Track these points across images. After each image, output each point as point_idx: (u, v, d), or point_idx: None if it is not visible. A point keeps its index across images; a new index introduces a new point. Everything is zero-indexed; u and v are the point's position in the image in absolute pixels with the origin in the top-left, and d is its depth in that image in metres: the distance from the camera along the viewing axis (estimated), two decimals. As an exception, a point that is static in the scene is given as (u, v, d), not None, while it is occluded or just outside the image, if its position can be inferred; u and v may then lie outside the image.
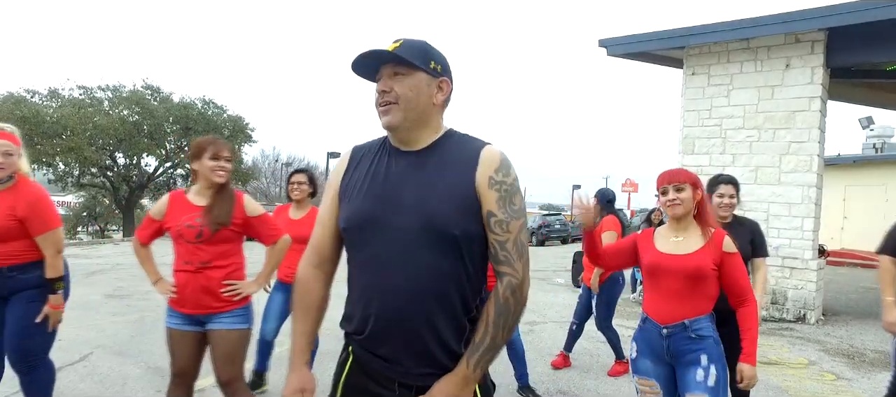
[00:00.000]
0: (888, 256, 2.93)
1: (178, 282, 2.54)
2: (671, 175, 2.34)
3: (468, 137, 1.46)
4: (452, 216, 1.33)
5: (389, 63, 1.39)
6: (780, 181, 7.24)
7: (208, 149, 2.55)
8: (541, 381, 4.28)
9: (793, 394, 4.20)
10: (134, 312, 6.47)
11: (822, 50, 6.94)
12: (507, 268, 1.36)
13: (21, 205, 2.61)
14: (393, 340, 1.37)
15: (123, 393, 3.78)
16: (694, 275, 2.21)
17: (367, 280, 1.40)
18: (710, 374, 2.18)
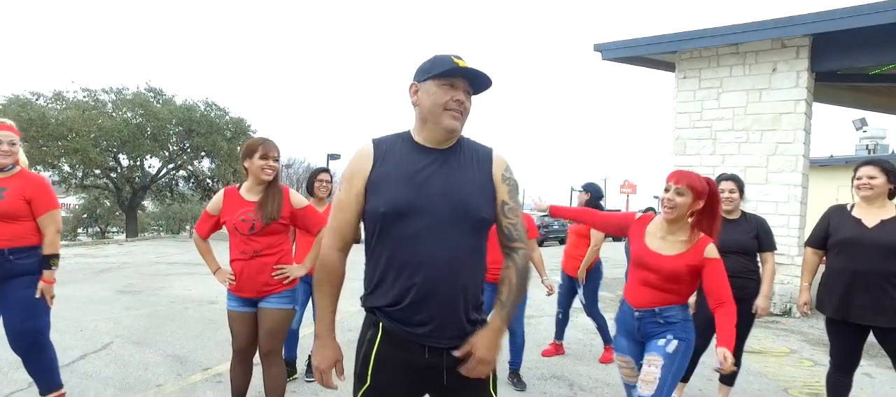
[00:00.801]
0: (810, 248, 3.25)
1: (235, 270, 2.83)
2: (679, 175, 2.40)
3: (475, 141, 1.76)
4: (480, 203, 1.63)
5: (468, 80, 1.64)
6: (767, 180, 7.53)
7: (259, 150, 2.85)
8: (536, 367, 4.56)
9: (771, 378, 4.48)
10: (146, 306, 6.73)
11: (806, 55, 7.24)
12: (519, 244, 1.68)
13: (29, 188, 2.93)
14: (430, 308, 1.58)
15: (146, 377, 4.04)
16: (669, 276, 2.38)
17: (407, 257, 1.58)
18: (670, 344, 2.38)
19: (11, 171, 2.95)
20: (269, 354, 2.90)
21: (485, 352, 1.58)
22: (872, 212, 3.04)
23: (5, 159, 2.90)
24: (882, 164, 3.10)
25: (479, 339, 1.59)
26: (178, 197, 27.01)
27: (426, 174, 1.63)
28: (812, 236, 3.28)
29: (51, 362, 3.09)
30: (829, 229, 3.16)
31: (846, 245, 3.05)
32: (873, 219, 3.02)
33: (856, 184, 3.11)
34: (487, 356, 1.59)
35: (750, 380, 4.41)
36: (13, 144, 2.93)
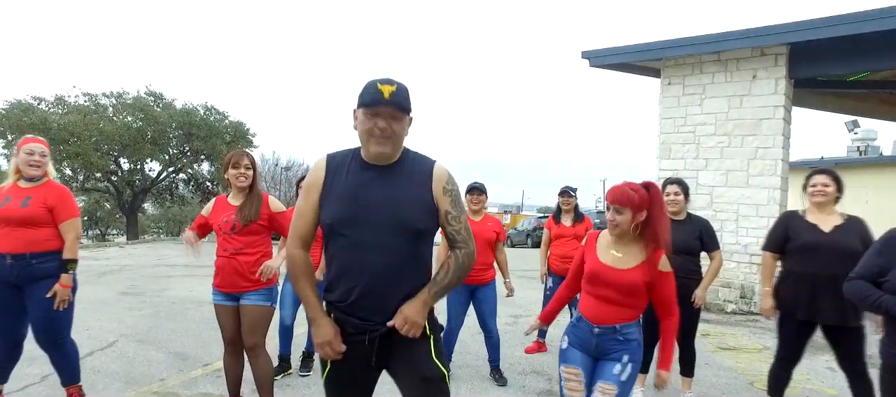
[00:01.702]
0: (769, 252, 3.44)
1: (218, 265, 3.16)
2: (614, 196, 2.40)
3: (420, 155, 1.96)
4: (417, 215, 1.85)
5: (390, 106, 1.80)
6: (748, 184, 7.79)
7: (231, 161, 3.17)
8: (518, 364, 4.81)
9: (740, 373, 4.74)
10: (148, 307, 6.99)
11: (784, 63, 7.50)
12: (462, 244, 1.93)
13: (51, 197, 3.20)
14: (368, 305, 1.85)
15: (149, 373, 4.30)
16: (628, 290, 2.39)
17: (349, 262, 1.84)
18: (625, 370, 2.39)
19: (39, 182, 3.22)
20: (253, 348, 3.20)
21: (409, 312, 1.83)
22: (823, 218, 3.28)
23: (36, 170, 3.19)
24: (833, 173, 3.35)
25: (406, 305, 1.84)
26: (178, 199, 27.27)
27: (368, 189, 1.85)
28: (771, 241, 3.44)
29: (72, 358, 3.36)
30: (788, 234, 3.36)
31: (807, 250, 3.24)
32: (827, 224, 3.25)
33: (810, 190, 3.34)
34: (412, 315, 1.83)
35: (719, 374, 4.67)
36: (44, 156, 3.23)
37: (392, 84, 1.82)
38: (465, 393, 4.01)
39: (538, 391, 4.14)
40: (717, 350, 5.53)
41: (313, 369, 4.36)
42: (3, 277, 3.14)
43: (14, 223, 3.10)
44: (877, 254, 2.19)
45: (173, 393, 3.85)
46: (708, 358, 5.21)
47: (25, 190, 3.18)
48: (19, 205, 3.12)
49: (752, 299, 7.64)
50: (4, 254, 3.10)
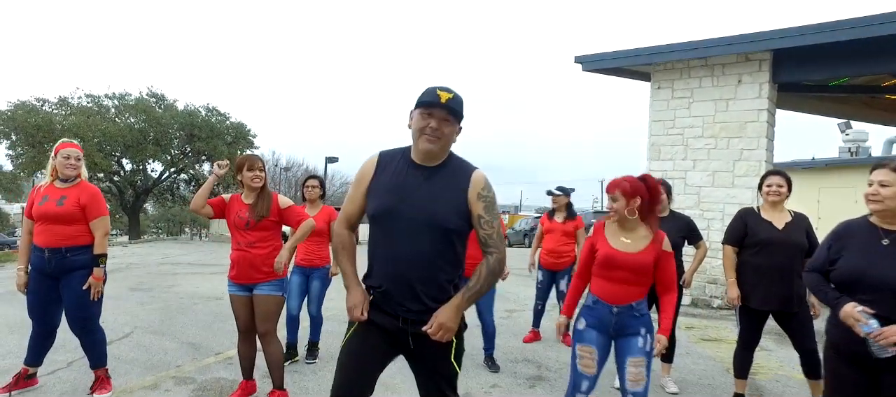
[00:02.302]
0: (730, 246, 3.75)
1: (233, 259, 3.47)
2: (611, 185, 2.74)
3: (463, 161, 2.13)
4: (450, 216, 2.02)
5: (444, 110, 1.98)
6: (733, 184, 8.11)
7: (246, 164, 3.50)
8: (512, 352, 5.13)
9: (718, 361, 5.06)
10: (159, 302, 7.30)
11: (768, 68, 7.83)
12: (493, 249, 2.07)
13: (84, 196, 3.51)
14: (401, 292, 2.02)
15: (166, 360, 4.61)
16: (640, 269, 2.67)
17: (387, 251, 2.04)
18: (647, 342, 2.67)
19: (73, 182, 3.54)
20: (265, 335, 3.52)
21: (444, 319, 1.98)
22: (776, 215, 3.63)
23: (72, 171, 3.51)
24: (785, 175, 3.69)
25: (441, 310, 2.00)
26: (180, 200, 27.57)
27: (411, 187, 2.03)
28: (732, 236, 3.75)
29: (100, 343, 3.68)
30: (747, 229, 3.68)
31: (764, 245, 3.57)
32: (780, 221, 3.60)
33: (765, 190, 3.67)
34: (446, 322, 1.98)
35: (698, 363, 4.99)
36: (79, 159, 3.54)
37: (450, 92, 2.01)
38: (459, 379, 4.30)
39: (528, 376, 4.45)
40: (700, 341, 5.86)
41: (318, 357, 4.66)
42: (41, 269, 3.46)
43: (51, 220, 3.42)
44: (826, 248, 2.44)
45: (190, 377, 4.16)
46: (690, 348, 5.53)
47: (61, 190, 3.50)
48: (55, 203, 3.44)
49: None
50: (43, 248, 3.42)
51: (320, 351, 4.74)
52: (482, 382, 4.25)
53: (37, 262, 3.48)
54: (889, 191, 2.21)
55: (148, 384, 3.99)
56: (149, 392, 3.83)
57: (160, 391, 3.86)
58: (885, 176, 2.24)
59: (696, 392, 4.20)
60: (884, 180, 2.23)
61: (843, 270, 2.29)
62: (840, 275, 2.31)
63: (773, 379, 4.52)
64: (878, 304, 2.15)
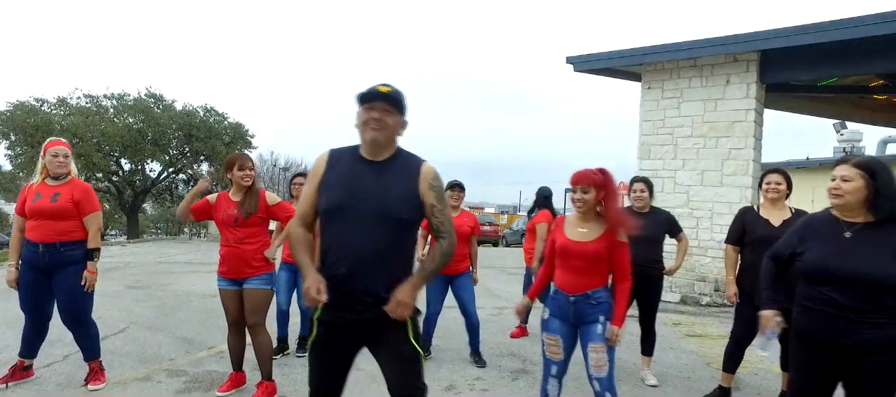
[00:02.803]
0: (731, 245, 3.84)
1: (222, 254, 3.58)
2: (579, 177, 2.80)
3: (412, 154, 2.22)
4: (402, 206, 2.11)
5: (384, 101, 2.09)
6: (722, 183, 8.22)
7: (237, 163, 3.61)
8: (498, 347, 5.24)
9: (700, 355, 5.17)
10: (154, 299, 7.40)
11: (755, 69, 7.94)
12: (445, 234, 2.18)
13: (77, 192, 3.64)
14: (355, 282, 2.07)
15: (160, 354, 4.71)
16: (593, 258, 2.77)
17: (340, 243, 2.09)
18: (606, 329, 2.78)
19: (65, 179, 3.65)
20: (254, 327, 3.63)
21: (401, 296, 2.05)
22: (775, 213, 3.71)
23: (61, 169, 3.62)
24: (784, 173, 3.78)
25: (399, 289, 2.07)
26: (178, 199, 27.66)
27: (362, 181, 2.11)
28: (731, 235, 3.85)
29: (93, 336, 3.79)
30: (745, 228, 3.77)
31: (760, 243, 3.58)
32: (777, 219, 3.67)
33: (765, 188, 3.76)
34: (403, 298, 2.05)
35: (680, 357, 5.10)
36: (66, 157, 3.66)
37: (389, 86, 2.11)
38: (445, 372, 4.43)
39: (512, 370, 4.56)
40: (685, 337, 5.97)
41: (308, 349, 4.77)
42: (35, 264, 3.57)
43: (45, 216, 3.53)
44: (795, 234, 2.53)
45: (182, 370, 4.27)
46: (675, 343, 5.64)
47: (53, 187, 3.61)
48: (49, 200, 3.55)
49: (725, 292, 8.07)
50: (37, 243, 3.53)
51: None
52: (466, 376, 4.35)
53: (30, 257, 3.59)
54: (849, 186, 2.30)
55: (141, 376, 4.10)
56: (142, 384, 3.94)
57: (152, 382, 3.97)
58: (847, 171, 2.33)
59: (675, 384, 4.31)
60: (845, 175, 2.33)
61: (809, 263, 2.39)
62: (807, 268, 2.41)
63: (751, 373, 4.63)
64: (843, 294, 2.25)
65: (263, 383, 3.67)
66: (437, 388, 4.04)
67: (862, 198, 2.29)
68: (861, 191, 2.28)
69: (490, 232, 23.87)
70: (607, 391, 2.77)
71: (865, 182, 2.29)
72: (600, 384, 2.77)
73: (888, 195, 2.26)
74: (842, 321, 2.26)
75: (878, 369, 2.23)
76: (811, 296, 2.37)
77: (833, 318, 2.28)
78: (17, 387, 3.74)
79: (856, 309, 2.22)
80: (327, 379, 2.25)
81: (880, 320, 2.20)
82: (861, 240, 2.29)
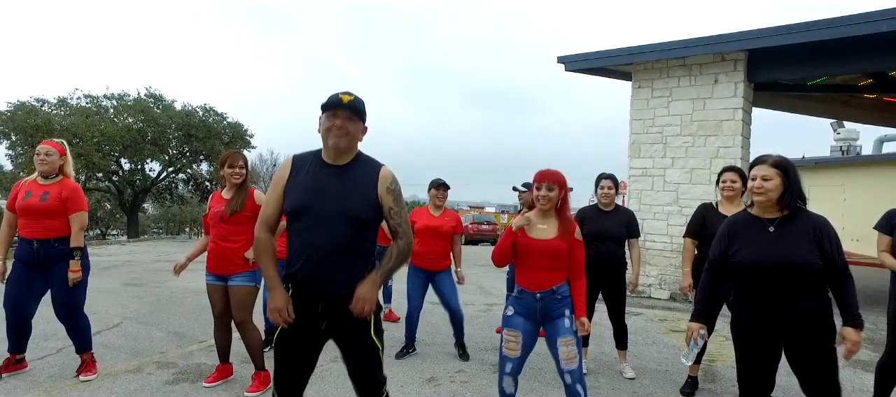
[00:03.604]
0: (689, 238, 3.96)
1: (209, 250, 3.71)
2: (545, 175, 2.89)
3: (370, 158, 2.33)
4: (361, 207, 2.21)
5: (347, 109, 2.20)
6: (710, 181, 8.29)
7: (227, 161, 3.71)
8: (484, 341, 5.34)
9: (681, 349, 5.27)
10: (150, 296, 7.52)
11: (743, 68, 8.03)
12: (402, 235, 2.29)
13: (65, 191, 3.76)
14: (319, 278, 2.18)
15: (152, 348, 4.83)
16: (553, 254, 2.86)
17: (305, 242, 2.20)
18: (572, 322, 2.87)
19: (55, 179, 3.77)
20: (241, 323, 3.72)
21: (362, 293, 2.16)
22: (732, 209, 3.81)
23: (43, 167, 3.75)
24: (739, 170, 3.89)
25: (360, 286, 2.18)
26: (178, 199, 27.82)
27: (325, 184, 2.22)
28: (690, 229, 3.97)
29: (85, 330, 3.91)
30: (705, 223, 3.88)
31: None
32: None
33: (721, 185, 3.88)
34: (365, 295, 2.16)
35: (661, 351, 5.20)
36: (49, 155, 3.77)
37: (350, 95, 2.22)
38: (428, 365, 4.53)
39: (492, 363, 4.66)
40: (668, 332, 6.07)
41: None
42: (29, 259, 3.69)
43: (35, 214, 3.65)
44: (721, 245, 2.63)
45: (172, 362, 4.39)
46: (657, 338, 5.74)
47: (43, 185, 3.74)
48: (39, 199, 3.68)
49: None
50: (31, 240, 3.65)
51: None
52: (448, 368, 4.46)
53: (24, 254, 3.70)
54: (770, 184, 2.45)
55: (132, 368, 4.21)
56: (132, 375, 4.05)
57: (143, 374, 4.08)
58: (766, 171, 2.47)
59: (652, 377, 4.41)
60: (765, 175, 2.46)
61: (743, 262, 2.49)
62: (742, 266, 2.51)
63: (729, 366, 4.73)
64: (777, 284, 2.39)
65: (258, 373, 3.78)
66: (419, 380, 4.15)
67: (779, 194, 2.45)
68: (779, 188, 2.45)
69: (488, 230, 23.94)
70: (578, 382, 2.84)
71: (781, 179, 2.44)
72: (571, 376, 2.84)
73: (795, 190, 2.47)
74: (776, 309, 2.42)
75: (819, 346, 2.41)
76: (750, 289, 2.50)
77: (769, 307, 2.44)
78: (10, 379, 3.86)
79: (790, 296, 2.38)
80: (292, 372, 2.34)
81: (811, 304, 2.38)
82: (782, 232, 2.45)
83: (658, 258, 8.62)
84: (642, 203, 8.79)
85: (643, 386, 4.19)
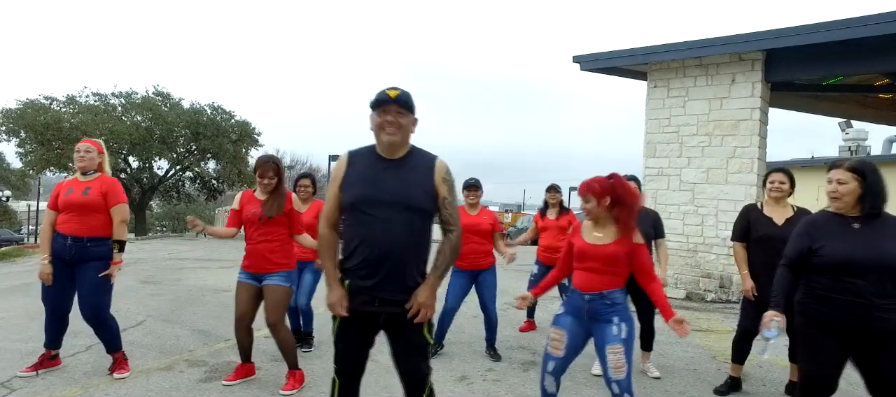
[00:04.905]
0: (738, 242, 3.95)
1: (246, 250, 3.72)
2: (582, 187, 2.93)
3: (425, 151, 2.39)
4: (420, 197, 2.28)
5: (396, 104, 2.25)
6: (726, 181, 8.31)
7: (259, 171, 3.75)
8: (508, 340, 5.35)
9: (705, 349, 5.27)
10: (168, 294, 7.54)
11: (761, 68, 8.02)
12: (453, 227, 2.34)
13: (105, 186, 3.81)
14: (380, 271, 2.23)
15: (179, 346, 4.84)
16: (609, 259, 2.85)
17: (364, 234, 2.24)
18: (622, 330, 2.80)
19: (94, 175, 3.80)
20: (274, 325, 3.70)
21: (423, 298, 2.23)
22: (778, 211, 3.82)
23: (84, 164, 3.80)
24: (788, 172, 3.88)
25: (419, 291, 2.26)
26: (185, 197, 27.87)
27: (383, 176, 2.28)
28: (737, 232, 3.97)
29: (113, 330, 3.93)
30: (749, 225, 3.88)
31: (764, 240, 3.76)
32: (780, 217, 3.79)
33: (769, 187, 3.86)
34: (425, 301, 2.24)
35: (687, 351, 5.20)
36: (88, 152, 3.83)
37: (397, 89, 2.28)
38: (457, 363, 4.54)
39: (521, 361, 4.68)
40: (690, 331, 6.05)
41: (314, 345, 4.85)
42: (61, 256, 3.70)
43: (77, 208, 3.68)
44: (804, 236, 2.66)
45: (202, 360, 4.40)
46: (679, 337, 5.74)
47: (84, 182, 3.77)
48: (82, 193, 3.71)
49: (729, 288, 8.17)
50: (66, 236, 3.67)
51: (315, 339, 4.91)
52: (479, 367, 4.47)
53: (57, 249, 3.72)
54: (845, 189, 2.53)
55: (163, 366, 4.23)
56: (165, 373, 4.07)
57: (175, 372, 4.09)
58: (842, 175, 2.55)
59: (681, 376, 4.41)
60: (841, 179, 2.55)
61: (829, 257, 2.54)
62: (827, 262, 2.55)
63: (757, 365, 4.73)
64: (866, 280, 2.43)
65: (292, 372, 3.78)
66: (450, 378, 4.16)
67: (856, 197, 2.54)
68: (856, 191, 2.53)
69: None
70: (626, 392, 2.78)
71: (859, 183, 2.51)
72: (619, 386, 2.78)
73: (876, 193, 2.53)
74: (864, 307, 2.44)
75: None
76: (832, 286, 2.52)
77: (856, 305, 2.45)
78: (47, 374, 3.87)
79: (879, 294, 2.41)
80: (353, 365, 2.42)
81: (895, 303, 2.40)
82: (868, 230, 2.50)
83: (673, 258, 8.60)
84: (658, 203, 8.78)
85: (674, 385, 4.19)
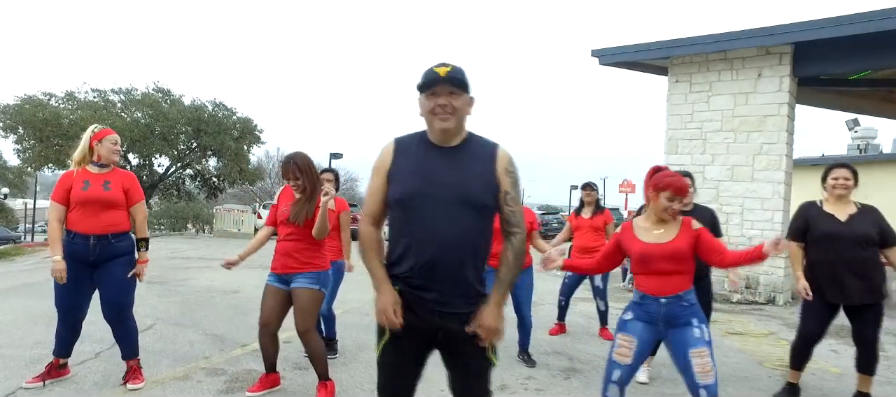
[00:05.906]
0: (794, 241, 3.71)
1: (277, 249, 3.45)
2: (683, 187, 2.71)
3: (484, 137, 2.05)
4: (481, 191, 1.95)
5: (447, 83, 1.91)
6: (753, 178, 8.06)
7: (282, 171, 3.50)
8: (540, 344, 5.07)
9: (748, 354, 5.02)
10: (176, 295, 7.25)
11: (788, 61, 7.76)
12: (517, 228, 2.00)
13: (126, 181, 3.56)
14: (437, 278, 1.91)
15: (193, 353, 4.55)
16: (678, 257, 2.67)
17: (419, 235, 1.91)
18: (704, 332, 2.65)
19: (108, 168, 3.51)
20: (305, 333, 3.41)
21: (491, 322, 1.93)
22: (840, 208, 3.58)
23: (116, 156, 3.54)
24: (852, 168, 3.63)
25: (483, 313, 1.93)
26: (185, 194, 27.52)
27: (435, 167, 1.95)
28: (793, 231, 3.74)
29: (133, 333, 3.65)
30: (808, 224, 3.65)
31: (826, 238, 3.54)
32: (843, 214, 3.56)
33: (831, 183, 3.61)
34: (493, 324, 1.93)
35: (729, 356, 4.94)
36: (116, 144, 3.55)
37: (448, 65, 1.93)
38: (495, 372, 4.25)
39: (561, 368, 4.41)
40: (726, 335, 5.80)
41: (338, 351, 4.55)
42: (83, 257, 3.40)
43: (99, 205, 3.39)
44: None
45: (220, 369, 4.11)
46: (718, 342, 5.42)
47: (100, 175, 3.46)
48: (102, 188, 3.41)
49: (756, 289, 7.92)
50: (88, 235, 3.37)
51: (339, 344, 4.62)
52: (517, 374, 4.20)
53: (78, 251, 3.39)
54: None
55: (179, 375, 3.94)
56: (181, 383, 3.78)
57: (192, 382, 3.81)
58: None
59: (733, 384, 4.15)
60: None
61: None
62: None
63: (808, 373, 4.44)
64: None
65: (323, 383, 3.49)
66: (489, 388, 3.89)
67: None
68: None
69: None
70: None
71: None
72: (708, 391, 2.55)
73: None
74: None
75: None
76: None
77: None
78: (54, 385, 3.58)
79: None
80: (398, 383, 2.09)
81: None
82: None
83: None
84: (680, 201, 8.53)
85: (728, 394, 3.92)
